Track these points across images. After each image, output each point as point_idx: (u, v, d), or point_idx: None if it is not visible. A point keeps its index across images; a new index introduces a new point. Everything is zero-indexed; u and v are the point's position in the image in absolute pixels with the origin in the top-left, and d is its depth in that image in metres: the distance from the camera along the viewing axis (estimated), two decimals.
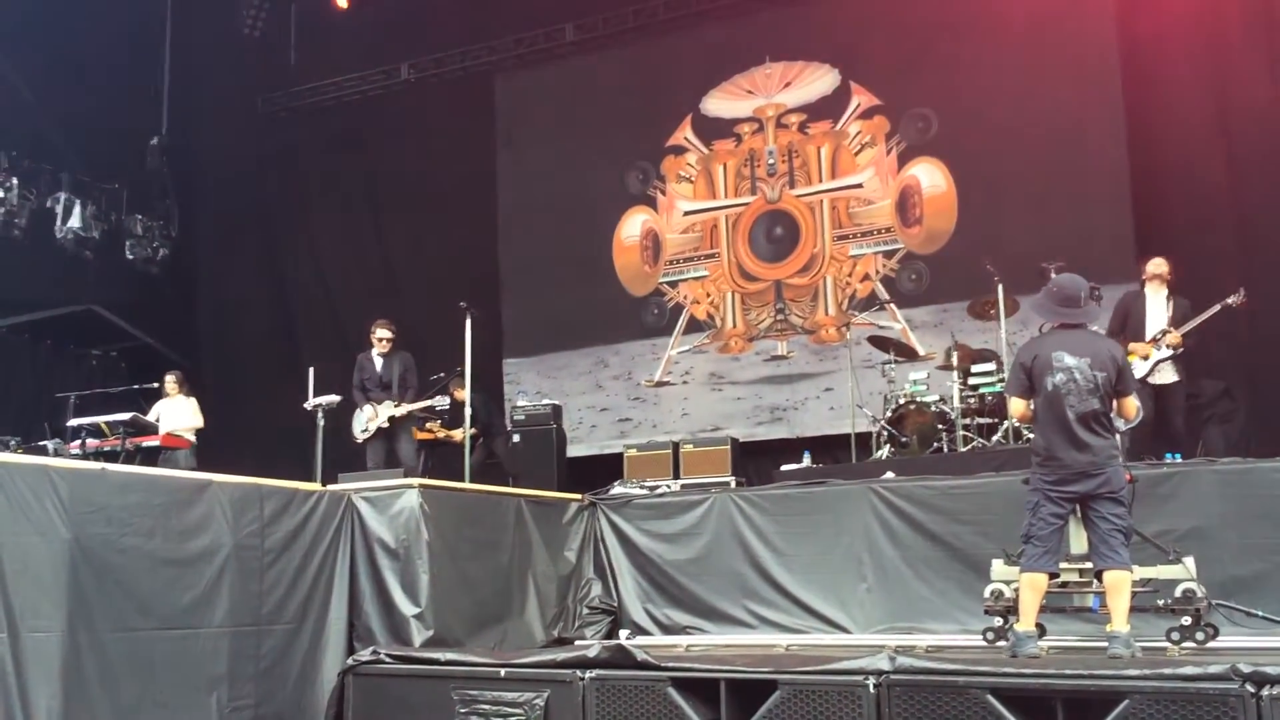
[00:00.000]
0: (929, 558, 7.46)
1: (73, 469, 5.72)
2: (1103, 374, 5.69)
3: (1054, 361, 5.76)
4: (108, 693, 5.42)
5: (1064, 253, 8.43)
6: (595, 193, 13.57)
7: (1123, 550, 5.57)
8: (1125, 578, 5.55)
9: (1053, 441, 5.73)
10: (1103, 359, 5.75)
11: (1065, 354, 5.76)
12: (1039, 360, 5.84)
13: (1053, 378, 5.74)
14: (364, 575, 6.95)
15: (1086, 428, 5.65)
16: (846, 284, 12.40)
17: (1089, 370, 5.69)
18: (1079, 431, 5.65)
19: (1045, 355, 5.82)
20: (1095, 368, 5.70)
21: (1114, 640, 5.43)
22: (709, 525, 8.20)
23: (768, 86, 12.99)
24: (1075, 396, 5.68)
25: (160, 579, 5.77)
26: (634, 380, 13.19)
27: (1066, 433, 5.67)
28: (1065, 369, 5.72)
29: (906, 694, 4.71)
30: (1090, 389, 5.67)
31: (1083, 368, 5.70)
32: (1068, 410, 5.67)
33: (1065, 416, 5.68)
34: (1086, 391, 5.67)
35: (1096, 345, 5.88)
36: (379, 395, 9.70)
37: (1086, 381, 5.68)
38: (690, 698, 5.22)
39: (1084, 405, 5.66)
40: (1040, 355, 5.85)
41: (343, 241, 15.02)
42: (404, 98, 14.74)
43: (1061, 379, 5.72)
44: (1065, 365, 5.73)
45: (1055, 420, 5.72)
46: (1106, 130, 11.11)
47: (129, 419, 9.30)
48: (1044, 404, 5.80)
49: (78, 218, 12.87)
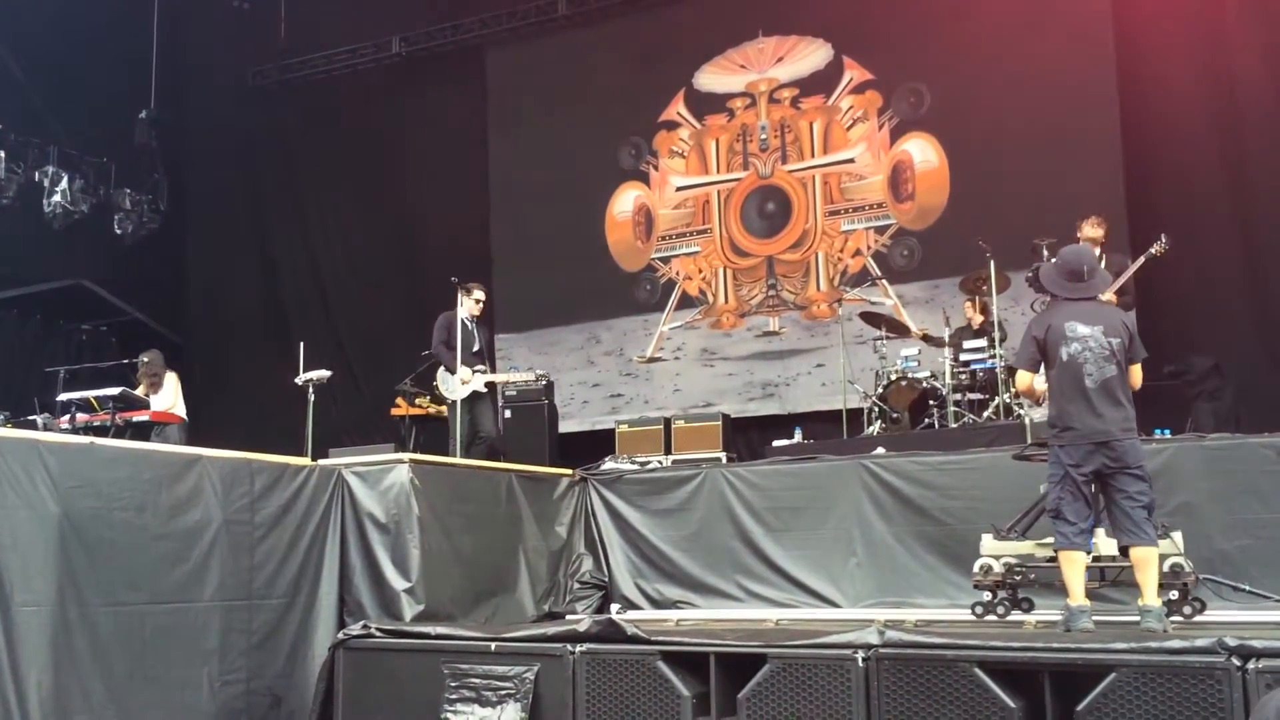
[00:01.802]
0: (919, 532, 7.49)
1: (62, 443, 5.69)
2: (1117, 340, 5.70)
3: (1067, 332, 5.75)
4: (99, 667, 5.41)
5: (1056, 229, 8.41)
6: (588, 168, 13.52)
7: (1147, 526, 5.56)
8: (1152, 553, 5.54)
9: (1070, 411, 5.70)
10: (1115, 326, 5.76)
11: (1078, 324, 5.76)
12: (1052, 331, 5.82)
13: (1067, 348, 5.73)
14: (355, 550, 6.94)
15: (1105, 396, 5.63)
16: (838, 260, 12.39)
17: (1103, 338, 5.70)
18: (1097, 401, 5.63)
19: (1058, 326, 5.80)
20: (1109, 334, 5.71)
21: (1146, 614, 5.42)
22: (700, 501, 8.22)
23: (760, 61, 12.93)
24: (1093, 365, 5.67)
25: (150, 553, 5.75)
26: (626, 356, 13.18)
27: (1085, 401, 5.65)
28: (1080, 338, 5.72)
29: (895, 667, 4.73)
30: (1106, 356, 5.67)
31: (1097, 335, 5.70)
32: (1085, 379, 5.66)
33: (1084, 385, 5.66)
34: (1103, 359, 5.67)
35: (1107, 314, 5.89)
36: (468, 358, 9.29)
37: (1102, 349, 5.68)
38: (680, 671, 5.23)
39: (1102, 373, 5.65)
40: (1053, 326, 5.83)
41: (332, 216, 14.97)
42: (395, 72, 14.66)
43: (1077, 348, 5.71)
44: (1080, 335, 5.72)
45: (1073, 389, 5.69)
46: (1100, 105, 11.10)
47: (118, 394, 9.26)
48: (1061, 374, 5.77)
49: (66, 192, 12.78)
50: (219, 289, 15.21)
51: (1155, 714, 4.20)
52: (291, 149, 15.26)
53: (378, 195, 14.56)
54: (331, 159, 14.83)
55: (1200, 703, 4.17)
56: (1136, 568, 5.57)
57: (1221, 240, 10.28)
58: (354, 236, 14.72)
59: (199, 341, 15.03)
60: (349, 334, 14.38)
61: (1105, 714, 4.28)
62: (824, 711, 4.80)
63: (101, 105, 13.57)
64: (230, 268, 15.15)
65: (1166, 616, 5.52)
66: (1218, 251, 10.31)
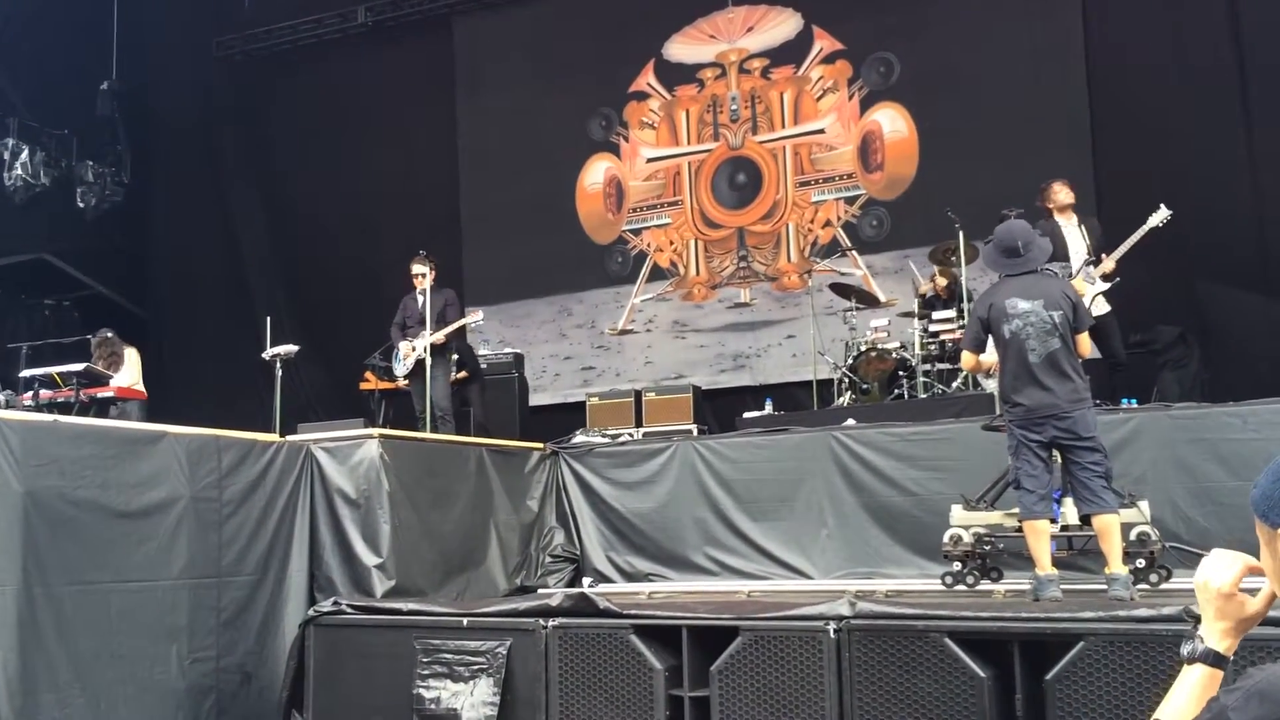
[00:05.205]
0: (889, 503, 7.54)
1: (24, 421, 5.62)
2: (1058, 313, 5.72)
3: (1008, 309, 5.79)
4: (64, 646, 5.37)
5: (1025, 198, 8.42)
6: (557, 139, 13.41)
7: (1105, 494, 5.61)
8: (1113, 520, 5.60)
9: (1016, 386, 5.77)
10: (1055, 298, 5.78)
11: (1018, 299, 5.79)
12: (994, 309, 5.87)
13: (1009, 324, 5.78)
14: (324, 526, 6.91)
15: (1050, 369, 5.67)
16: (808, 231, 12.37)
17: (1044, 311, 5.73)
18: (1041, 375, 5.68)
19: (1000, 304, 5.85)
20: (1049, 308, 5.73)
21: (1113, 582, 5.48)
22: (671, 473, 8.24)
23: (730, 31, 12.85)
24: (1035, 340, 5.71)
25: (116, 531, 5.71)
26: (597, 329, 13.15)
27: (1029, 376, 5.71)
28: (1020, 314, 5.76)
29: (866, 638, 4.74)
30: (1048, 330, 5.70)
31: (1037, 310, 5.74)
32: (1029, 354, 5.71)
33: (1027, 360, 5.71)
34: (1044, 333, 5.70)
35: (1048, 286, 5.89)
36: (417, 331, 9.28)
37: (1043, 323, 5.71)
38: (652, 644, 5.23)
39: (1045, 347, 5.69)
40: (995, 304, 5.88)
41: (299, 187, 14.77)
42: (361, 41, 14.45)
43: (1018, 325, 5.75)
44: (1020, 310, 5.76)
45: (1018, 365, 5.75)
46: (1068, 74, 11.12)
47: (82, 369, 9.14)
48: (1006, 351, 5.83)
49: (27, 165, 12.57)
50: (183, 262, 15.00)
51: (1123, 682, 4.24)
52: (256, 120, 15.04)
53: (343, 167, 14.37)
54: (296, 130, 14.63)
55: (1168, 671, 4.19)
56: (1099, 536, 5.63)
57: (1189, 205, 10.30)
58: (319, 209, 14.52)
59: (163, 315, 14.85)
60: (315, 308, 14.24)
61: (1074, 682, 4.31)
62: (796, 682, 4.81)
63: (62, 77, 13.32)
64: (194, 240, 14.94)
65: (1133, 584, 5.57)
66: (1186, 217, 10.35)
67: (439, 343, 9.12)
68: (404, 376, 9.44)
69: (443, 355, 9.30)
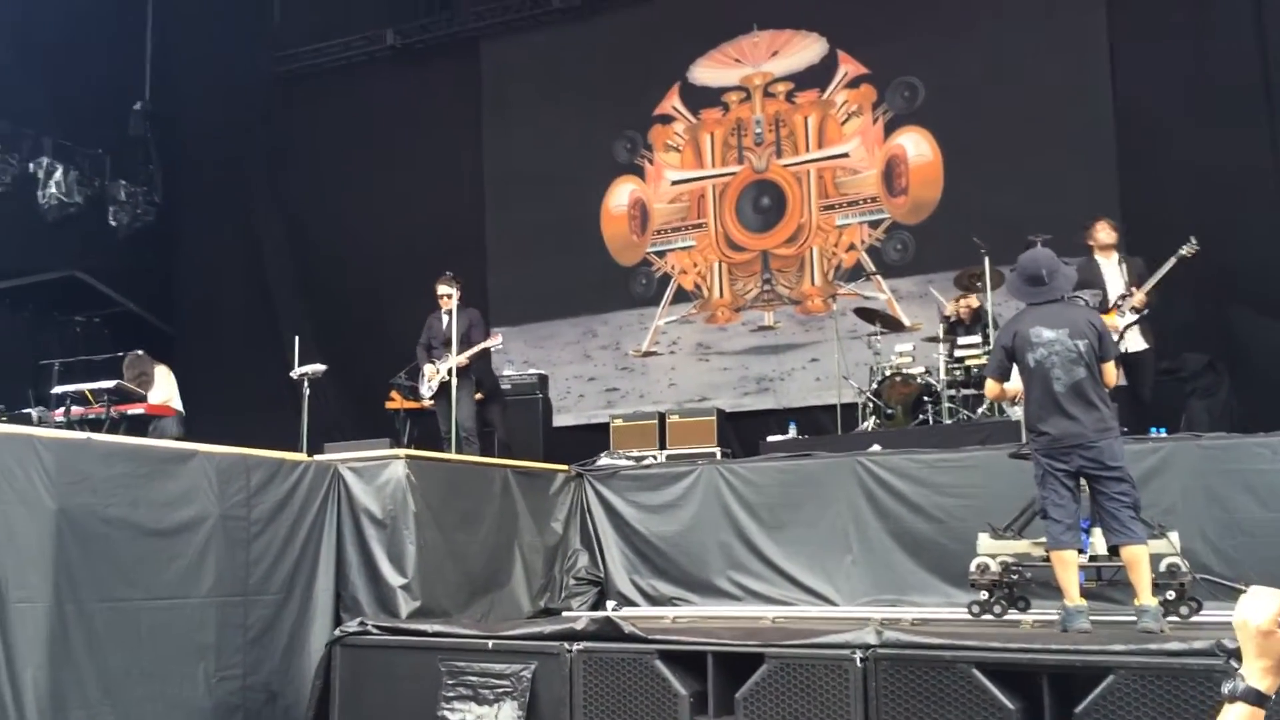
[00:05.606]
0: (914, 530, 7.50)
1: (58, 438, 5.67)
2: (1084, 342, 5.70)
3: (1032, 337, 5.78)
4: (94, 662, 5.41)
5: (1050, 223, 8.40)
6: (583, 161, 13.48)
7: (1134, 524, 5.57)
8: (1142, 552, 5.56)
9: (1041, 415, 5.76)
10: (1080, 327, 5.76)
11: (1043, 328, 5.78)
12: (1019, 338, 5.86)
13: (1033, 353, 5.77)
14: (351, 546, 6.94)
15: (1076, 398, 5.65)
16: (832, 254, 12.38)
17: (1069, 340, 5.71)
18: (1066, 404, 5.66)
19: (1024, 332, 5.84)
20: (1075, 337, 5.71)
21: (1143, 614, 5.43)
22: (695, 497, 8.23)
23: (755, 55, 12.90)
24: (1060, 369, 5.69)
25: (146, 549, 5.75)
26: (621, 350, 13.17)
27: (1055, 405, 5.69)
28: (1045, 343, 5.74)
29: (893, 668, 4.72)
30: (1074, 359, 5.69)
31: (1062, 339, 5.72)
32: (1054, 383, 5.69)
33: (1052, 389, 5.69)
34: (1070, 362, 5.69)
35: (1073, 315, 5.88)
36: (442, 352, 9.35)
37: (1068, 352, 5.69)
38: (677, 669, 5.23)
39: (1070, 376, 5.68)
40: (1019, 333, 5.87)
41: (326, 207, 14.88)
42: (389, 64, 14.60)
43: (1043, 353, 5.74)
44: (1044, 339, 5.75)
45: (1043, 394, 5.74)
46: (1094, 99, 11.10)
47: (113, 386, 9.21)
48: (1030, 380, 5.82)
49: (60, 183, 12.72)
50: (211, 280, 15.12)
51: (1154, 716, 4.21)
52: (284, 141, 15.18)
53: (371, 187, 14.46)
54: (325, 151, 14.75)
55: (1199, 705, 4.17)
56: (1128, 567, 5.59)
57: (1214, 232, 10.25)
58: (346, 229, 14.62)
59: (192, 333, 14.95)
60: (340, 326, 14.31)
61: (1104, 716, 4.28)
62: (822, 711, 4.80)
63: (96, 97, 13.49)
64: (223, 259, 15.06)
65: (1163, 616, 5.53)
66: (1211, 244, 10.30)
67: (462, 365, 9.15)
68: (429, 397, 9.49)
69: (467, 377, 9.32)
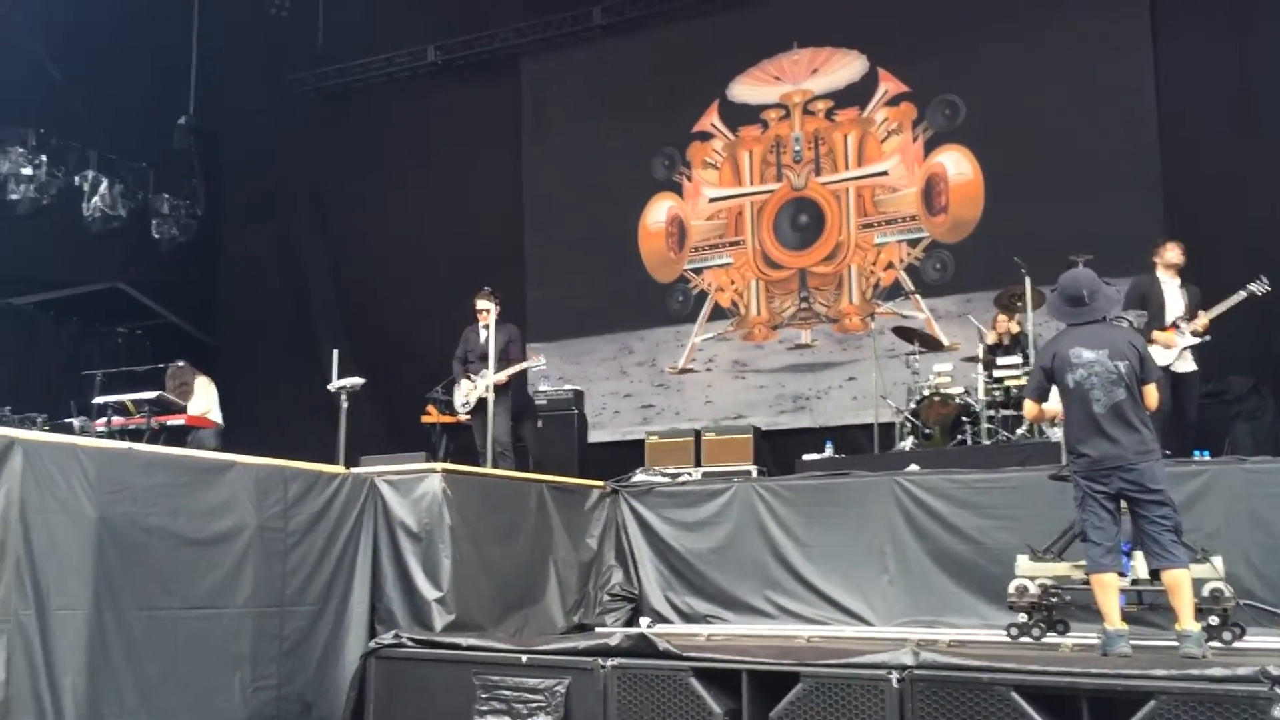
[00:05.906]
0: (952, 551, 7.44)
1: (100, 448, 5.73)
2: (1124, 363, 5.64)
3: (1072, 358, 5.73)
4: (132, 670, 5.45)
5: (1093, 243, 8.34)
6: (621, 178, 13.53)
7: (1175, 548, 5.49)
8: (1184, 575, 5.47)
9: (1081, 437, 5.70)
10: (1121, 348, 5.70)
11: (1083, 349, 5.73)
12: (1058, 359, 5.81)
13: (1073, 374, 5.71)
14: (386, 558, 6.96)
15: (1116, 420, 5.59)
16: (871, 273, 12.33)
17: (1109, 361, 5.65)
18: (1107, 426, 5.60)
19: (1064, 353, 5.79)
20: (1115, 358, 5.65)
21: (1185, 639, 5.34)
22: (731, 514, 8.20)
23: (795, 73, 12.90)
24: (1100, 390, 5.63)
25: (184, 559, 5.79)
26: (658, 367, 13.17)
27: (1094, 427, 5.63)
28: (1085, 364, 5.69)
29: (930, 689, 4.68)
30: (1114, 380, 5.63)
31: (1102, 359, 5.66)
32: (1094, 404, 5.63)
33: (1093, 411, 5.63)
34: (1110, 383, 5.63)
35: (1113, 336, 5.82)
36: (479, 368, 9.35)
37: (1108, 373, 5.63)
38: (712, 688, 5.21)
39: (1110, 397, 5.61)
40: (1059, 354, 5.82)
41: (366, 223, 15.01)
42: (430, 80, 14.74)
43: (1082, 374, 5.68)
44: (1084, 360, 5.69)
45: (1083, 416, 5.68)
46: (1138, 118, 11.01)
47: (154, 397, 9.31)
48: (1070, 401, 5.76)
49: (105, 196, 12.91)
50: (253, 293, 15.30)
51: None
52: (326, 155, 15.35)
53: (409, 203, 14.59)
54: (365, 166, 14.91)
55: None
56: (1170, 591, 5.51)
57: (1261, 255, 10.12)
58: (385, 243, 14.74)
59: (232, 345, 15.10)
60: (377, 340, 14.41)
61: None
62: None
63: (140, 111, 13.69)
64: (264, 272, 15.24)
65: (1206, 641, 5.44)
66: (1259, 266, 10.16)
67: (500, 383, 9.16)
68: (466, 412, 9.52)
69: (504, 393, 9.30)
